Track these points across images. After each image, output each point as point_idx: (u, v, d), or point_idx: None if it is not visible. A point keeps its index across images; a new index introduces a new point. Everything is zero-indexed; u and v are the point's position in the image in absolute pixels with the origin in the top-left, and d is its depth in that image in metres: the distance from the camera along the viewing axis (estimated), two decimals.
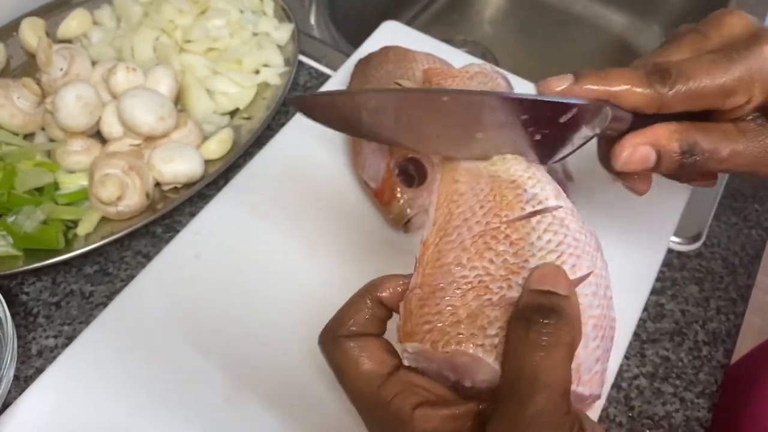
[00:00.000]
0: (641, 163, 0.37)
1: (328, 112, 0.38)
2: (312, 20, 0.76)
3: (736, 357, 0.57)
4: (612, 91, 0.36)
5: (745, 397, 0.63)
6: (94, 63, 0.62)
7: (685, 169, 0.38)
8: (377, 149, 0.53)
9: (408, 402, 0.30)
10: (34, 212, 0.52)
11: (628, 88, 0.36)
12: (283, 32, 0.68)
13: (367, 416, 0.32)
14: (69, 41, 0.66)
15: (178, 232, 0.54)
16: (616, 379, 0.49)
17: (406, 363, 0.33)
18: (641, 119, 0.37)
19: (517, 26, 1.03)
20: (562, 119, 0.37)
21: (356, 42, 0.68)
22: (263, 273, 0.51)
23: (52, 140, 0.59)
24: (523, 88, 0.64)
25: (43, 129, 0.60)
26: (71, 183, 0.56)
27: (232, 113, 0.63)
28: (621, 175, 0.42)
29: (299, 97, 0.38)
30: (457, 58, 0.63)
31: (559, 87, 0.36)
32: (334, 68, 0.67)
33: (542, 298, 0.31)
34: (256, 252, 0.52)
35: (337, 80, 0.64)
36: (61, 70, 0.59)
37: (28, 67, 0.65)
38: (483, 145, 0.38)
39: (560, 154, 0.39)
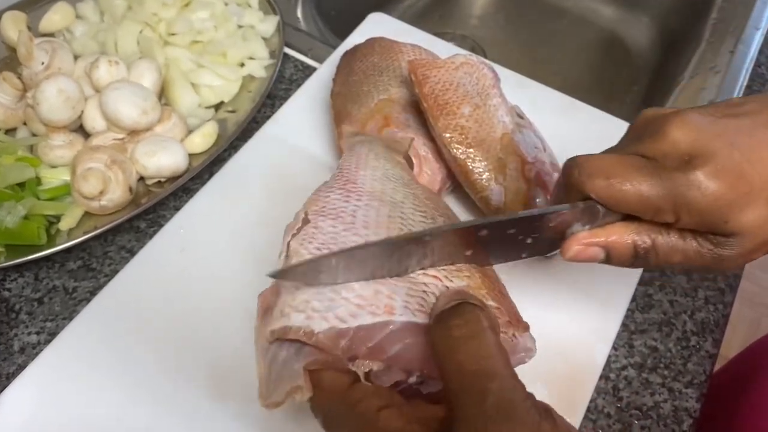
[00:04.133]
0: (588, 260, 0.38)
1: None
2: (298, 13, 0.76)
3: (726, 349, 0.57)
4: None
5: (734, 404, 0.63)
6: (77, 57, 0.61)
7: (637, 267, 0.38)
8: None
9: (373, 404, 0.30)
10: (15, 207, 0.51)
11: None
12: (269, 24, 0.67)
13: (332, 423, 0.32)
14: (51, 35, 0.66)
15: (162, 226, 0.53)
16: (604, 369, 0.49)
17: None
18: None
19: (506, 20, 1.03)
20: (552, 223, 0.37)
21: (343, 35, 0.68)
22: (249, 267, 0.51)
23: (34, 135, 0.58)
24: (511, 79, 0.63)
25: (24, 124, 0.59)
26: (53, 178, 0.55)
27: (217, 106, 0.63)
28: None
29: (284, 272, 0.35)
30: (444, 49, 0.62)
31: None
32: (320, 61, 0.66)
33: (450, 299, 0.32)
34: (241, 246, 0.52)
35: (323, 73, 0.63)
36: (43, 63, 0.58)
37: (9, 61, 0.64)
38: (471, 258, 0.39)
39: (555, 249, 0.40)
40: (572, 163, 0.37)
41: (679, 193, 0.34)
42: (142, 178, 0.56)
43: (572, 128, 0.60)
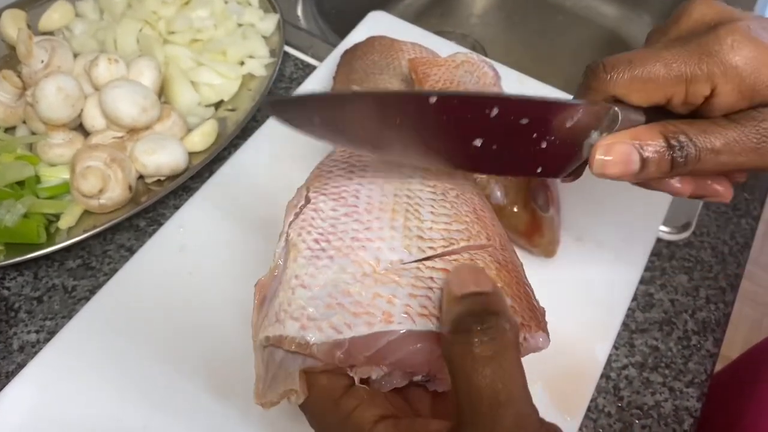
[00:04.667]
0: (622, 165, 0.34)
1: (312, 114, 0.33)
2: (299, 11, 0.75)
3: (728, 349, 0.57)
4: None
5: (735, 405, 0.63)
6: (76, 55, 0.61)
7: (680, 170, 0.34)
8: None
9: (369, 414, 0.29)
10: (14, 206, 0.51)
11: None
12: (269, 23, 0.67)
13: (324, 429, 0.31)
14: (51, 33, 0.65)
15: (161, 225, 0.53)
16: (605, 369, 0.48)
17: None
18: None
19: (506, 19, 1.03)
20: (568, 123, 0.35)
21: (343, 33, 0.67)
22: (248, 265, 0.50)
23: (33, 133, 0.58)
24: (512, 77, 0.63)
25: (24, 122, 0.59)
26: (53, 176, 0.55)
27: (217, 105, 0.62)
28: (668, 189, 0.38)
29: (276, 100, 0.34)
30: (445, 47, 0.62)
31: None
32: (321, 59, 0.66)
33: (472, 303, 0.29)
34: (241, 245, 0.51)
35: (324, 71, 0.63)
36: (42, 62, 0.58)
37: (9, 59, 0.64)
38: (480, 157, 0.36)
39: (572, 165, 0.37)
40: (595, 62, 0.35)
41: (712, 54, 0.32)
42: (141, 177, 0.56)
43: None
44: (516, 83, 0.63)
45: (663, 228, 0.56)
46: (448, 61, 0.53)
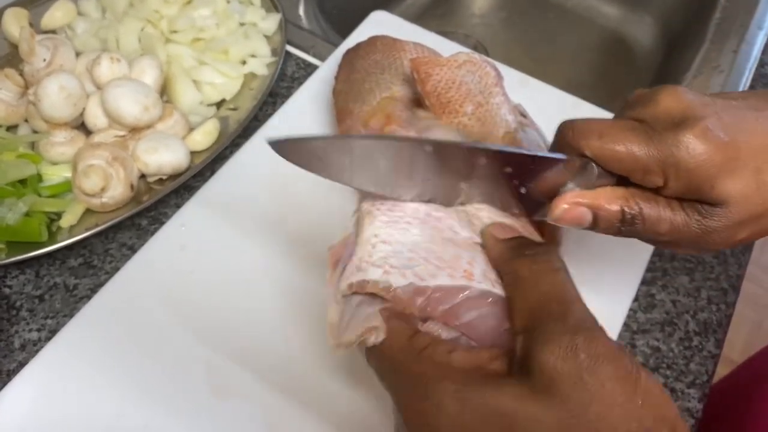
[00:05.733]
0: (574, 222, 0.37)
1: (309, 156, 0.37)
2: (300, 11, 0.75)
3: (729, 351, 0.57)
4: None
5: (735, 412, 0.63)
6: (78, 54, 0.61)
7: (623, 234, 0.38)
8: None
9: (442, 348, 0.30)
10: (16, 204, 0.51)
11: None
12: (271, 22, 0.67)
13: (399, 376, 0.31)
14: (53, 32, 0.65)
15: (163, 224, 0.53)
16: None
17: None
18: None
19: (508, 19, 1.03)
20: (548, 174, 0.37)
21: (345, 33, 0.67)
22: (249, 265, 0.50)
23: (35, 132, 0.58)
24: (514, 77, 0.63)
25: (26, 121, 0.59)
26: (54, 175, 0.55)
27: (219, 104, 0.62)
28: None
29: (280, 141, 0.37)
30: (447, 48, 0.62)
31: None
32: (322, 59, 0.66)
33: (516, 241, 0.36)
34: (242, 244, 0.51)
35: (325, 71, 0.63)
36: (44, 60, 0.58)
37: (11, 58, 0.64)
38: (466, 194, 0.39)
39: (542, 213, 0.39)
40: (567, 124, 0.38)
41: (668, 153, 0.34)
42: (143, 176, 0.56)
43: None
44: (518, 84, 0.63)
45: None
46: (450, 61, 0.53)
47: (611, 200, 0.37)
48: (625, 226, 0.37)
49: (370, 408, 0.44)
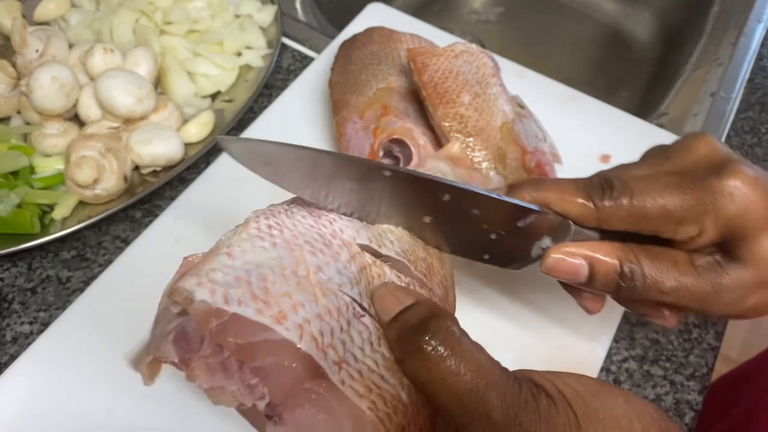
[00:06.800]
0: (568, 274, 0.35)
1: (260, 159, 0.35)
2: (296, 3, 0.75)
3: (728, 348, 0.57)
4: (544, 198, 0.35)
5: (726, 409, 0.62)
6: (72, 46, 0.60)
7: (623, 294, 0.35)
8: (360, 130, 0.52)
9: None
10: (8, 196, 0.50)
11: (560, 197, 0.35)
12: (266, 14, 0.66)
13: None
14: (46, 24, 0.65)
15: (157, 216, 0.52)
16: (605, 362, 0.48)
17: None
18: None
19: (506, 14, 1.02)
20: (520, 223, 0.35)
21: (341, 25, 0.67)
22: None
23: (28, 123, 0.57)
24: (511, 69, 0.63)
25: (18, 112, 0.58)
26: (47, 167, 0.54)
27: (214, 96, 0.62)
28: (570, 291, 0.40)
29: (226, 138, 0.35)
30: (443, 40, 0.62)
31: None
32: (318, 51, 0.66)
33: (408, 317, 0.29)
34: None
35: (321, 63, 0.63)
36: (37, 51, 0.57)
37: (3, 50, 0.63)
38: (430, 230, 0.36)
39: (519, 260, 0.37)
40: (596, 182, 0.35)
41: (710, 200, 0.32)
42: (137, 168, 0.55)
43: (573, 119, 0.59)
44: (515, 76, 0.62)
45: None
46: (447, 51, 0.52)
47: (609, 253, 0.34)
48: (625, 281, 0.34)
49: None
